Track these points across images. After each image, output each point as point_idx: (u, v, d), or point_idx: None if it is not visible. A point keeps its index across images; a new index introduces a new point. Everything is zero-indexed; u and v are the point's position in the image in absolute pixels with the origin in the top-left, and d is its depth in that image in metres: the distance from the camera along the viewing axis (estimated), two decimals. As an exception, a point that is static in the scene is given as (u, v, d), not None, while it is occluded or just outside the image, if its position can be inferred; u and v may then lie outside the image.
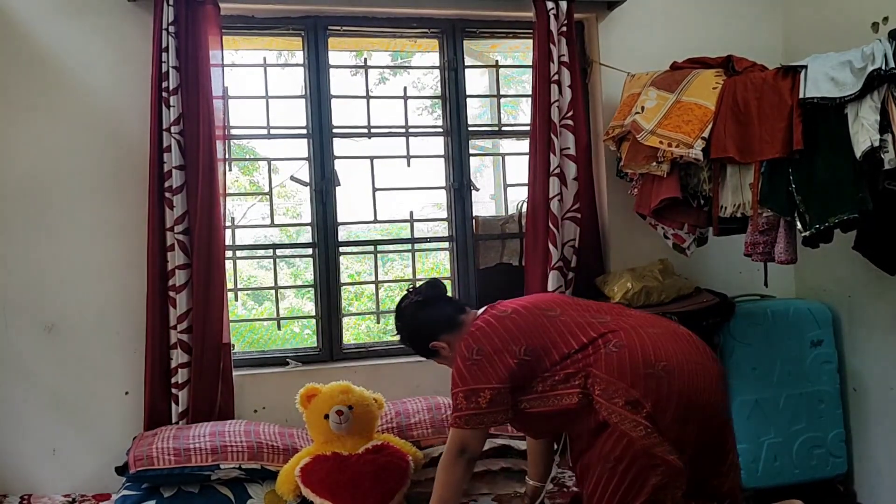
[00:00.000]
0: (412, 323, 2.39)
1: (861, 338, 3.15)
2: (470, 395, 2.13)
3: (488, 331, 2.21)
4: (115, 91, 2.99)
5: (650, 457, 2.02)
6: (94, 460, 2.90)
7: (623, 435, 2.04)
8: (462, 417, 2.14)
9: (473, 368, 2.16)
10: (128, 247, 2.94)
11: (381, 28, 3.34)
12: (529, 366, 2.15)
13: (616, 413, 2.05)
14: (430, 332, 2.34)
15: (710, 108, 2.80)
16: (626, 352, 2.10)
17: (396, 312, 2.44)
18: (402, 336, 2.44)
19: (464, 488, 2.26)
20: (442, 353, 2.35)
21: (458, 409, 2.15)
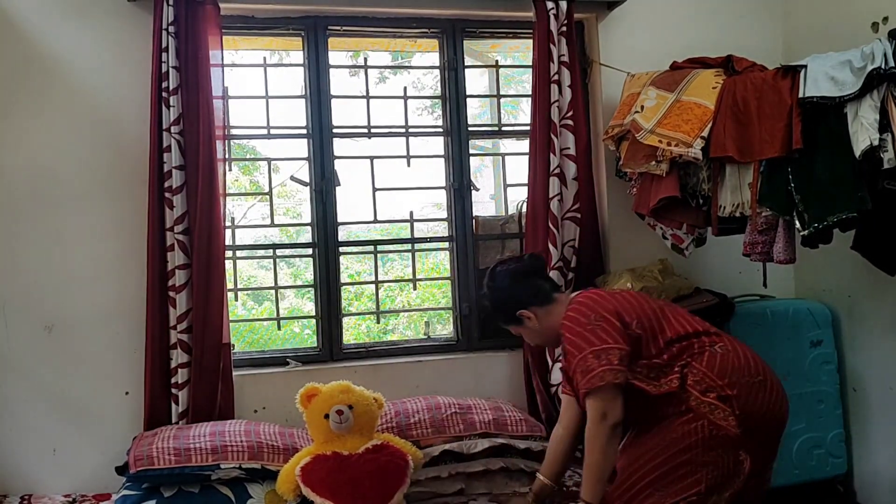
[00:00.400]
0: (505, 287, 2.41)
1: (861, 338, 3.15)
2: (600, 353, 2.13)
3: (602, 301, 2.26)
4: (115, 91, 2.99)
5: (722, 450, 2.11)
6: (94, 460, 2.90)
7: (701, 419, 2.12)
8: (597, 375, 2.11)
9: (597, 331, 2.17)
10: (128, 247, 2.95)
11: (381, 28, 3.34)
12: (638, 341, 2.20)
13: (706, 404, 2.13)
14: (521, 300, 2.38)
15: (709, 107, 2.80)
16: (731, 356, 2.21)
17: (490, 273, 2.45)
18: (489, 297, 2.46)
19: (615, 457, 2.21)
20: (526, 323, 2.38)
21: (589, 370, 2.12)
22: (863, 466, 3.15)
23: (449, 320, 3.74)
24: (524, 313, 2.37)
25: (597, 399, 2.13)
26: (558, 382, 3.14)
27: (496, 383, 3.29)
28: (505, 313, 2.42)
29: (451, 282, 3.45)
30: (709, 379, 2.15)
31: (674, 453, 2.14)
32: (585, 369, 2.13)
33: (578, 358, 2.16)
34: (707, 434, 2.12)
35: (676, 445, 2.14)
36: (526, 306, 2.37)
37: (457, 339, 3.39)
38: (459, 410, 2.82)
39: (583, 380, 2.14)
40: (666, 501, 2.13)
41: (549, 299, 2.39)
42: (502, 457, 2.73)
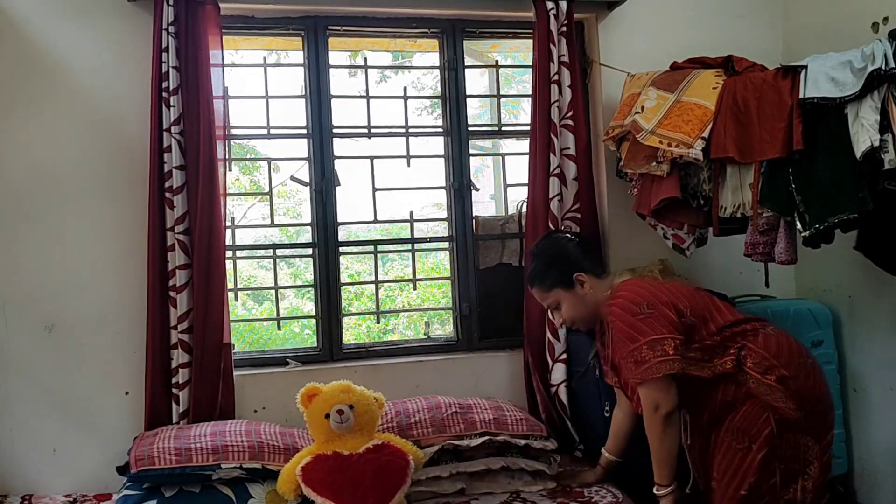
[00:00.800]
0: (563, 249, 2.41)
1: (861, 338, 3.15)
2: (654, 344, 2.14)
3: (654, 289, 2.27)
4: (115, 91, 2.99)
5: (789, 436, 2.15)
6: (94, 460, 2.90)
7: (765, 409, 2.15)
8: (651, 367, 2.13)
9: (649, 321, 2.18)
10: (128, 247, 2.94)
11: (381, 28, 3.34)
12: (691, 329, 2.22)
13: (766, 386, 2.16)
14: (580, 262, 2.39)
15: (710, 107, 2.81)
16: (784, 338, 2.27)
17: (546, 236, 2.49)
18: (544, 256, 2.43)
19: (677, 442, 2.26)
20: (576, 289, 2.36)
21: (643, 361, 2.14)
22: (863, 466, 3.15)
23: (449, 320, 3.74)
24: (581, 276, 2.35)
25: (650, 390, 2.15)
26: (558, 382, 3.15)
27: (496, 383, 3.29)
28: (561, 272, 2.37)
29: (451, 282, 3.45)
30: (767, 360, 2.18)
31: (755, 449, 2.16)
32: (639, 360, 2.14)
33: (631, 348, 2.16)
34: (768, 421, 2.15)
35: (755, 440, 2.17)
36: (585, 271, 2.36)
37: (457, 339, 3.39)
38: (460, 410, 2.82)
39: (636, 370, 2.15)
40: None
41: (601, 274, 2.41)
42: (503, 456, 2.73)
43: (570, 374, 3.15)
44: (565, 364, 3.15)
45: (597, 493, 2.66)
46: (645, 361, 2.13)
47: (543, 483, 2.73)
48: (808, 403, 2.19)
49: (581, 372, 3.08)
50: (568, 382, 3.14)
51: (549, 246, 2.45)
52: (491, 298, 3.43)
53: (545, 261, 2.44)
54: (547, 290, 2.40)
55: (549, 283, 2.40)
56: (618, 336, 2.22)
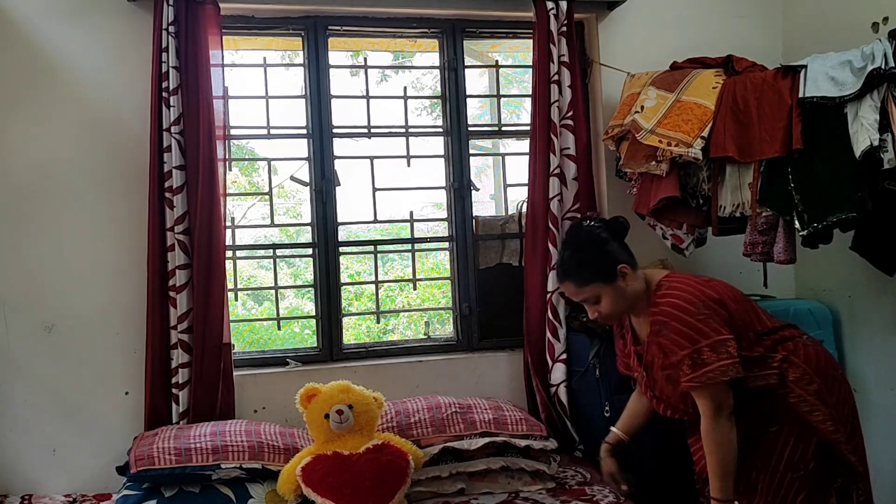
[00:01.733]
0: (606, 239, 2.21)
1: (861, 338, 3.15)
2: (717, 346, 2.03)
3: (704, 287, 2.14)
4: (115, 91, 2.99)
5: (832, 457, 2.11)
6: (94, 460, 2.90)
7: (807, 432, 2.09)
8: (717, 370, 2.01)
9: (709, 321, 2.05)
10: (128, 247, 2.95)
11: (381, 28, 3.34)
12: (736, 332, 2.10)
13: (807, 402, 2.10)
14: (620, 254, 2.20)
15: (709, 107, 2.81)
16: (820, 349, 2.22)
17: (577, 227, 2.31)
18: (581, 248, 2.23)
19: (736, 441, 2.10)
20: (618, 282, 2.16)
21: (704, 364, 2.02)
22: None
23: (449, 320, 3.74)
24: (625, 268, 2.17)
25: (714, 392, 2.05)
26: (558, 382, 3.15)
27: (496, 383, 3.29)
28: (601, 265, 2.17)
29: (451, 282, 3.45)
30: (807, 373, 2.12)
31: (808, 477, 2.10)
32: (698, 362, 2.03)
33: (690, 350, 2.04)
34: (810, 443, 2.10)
35: (806, 466, 2.10)
36: (625, 262, 2.19)
37: (457, 339, 3.39)
38: (459, 410, 2.82)
39: (693, 373, 2.03)
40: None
41: (636, 266, 2.22)
42: (503, 456, 2.73)
43: (570, 374, 3.15)
44: (565, 364, 3.15)
45: (598, 493, 2.66)
46: (706, 364, 2.02)
47: (543, 483, 2.73)
48: (841, 415, 2.14)
49: (581, 372, 3.08)
50: (568, 382, 3.15)
51: (586, 236, 2.24)
52: (491, 298, 3.43)
53: (583, 253, 2.22)
54: (584, 285, 2.19)
55: (587, 276, 2.19)
56: (671, 336, 2.08)
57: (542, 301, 3.18)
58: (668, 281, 2.19)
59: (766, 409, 2.14)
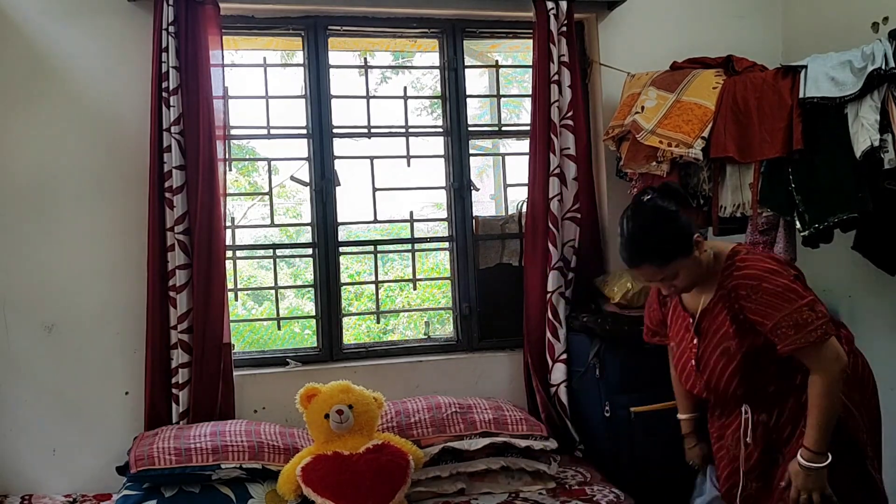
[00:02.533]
0: (670, 214, 2.09)
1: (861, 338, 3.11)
2: (814, 305, 1.99)
3: (778, 258, 2.14)
4: (115, 91, 2.99)
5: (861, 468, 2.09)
6: (94, 460, 2.90)
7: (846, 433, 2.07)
8: (819, 328, 1.96)
9: (798, 284, 2.02)
10: (128, 247, 2.95)
11: (381, 28, 3.34)
12: None
13: (846, 408, 2.07)
14: (690, 225, 2.10)
15: (709, 107, 2.81)
16: (861, 357, 2.26)
17: (641, 205, 2.16)
18: (654, 228, 2.09)
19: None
20: (696, 252, 2.07)
21: (807, 323, 1.96)
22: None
23: (449, 320, 3.74)
24: (699, 237, 2.08)
25: (826, 347, 1.99)
26: (558, 382, 3.15)
27: (496, 383, 3.29)
28: (678, 240, 2.06)
29: (451, 282, 3.45)
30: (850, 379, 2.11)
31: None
32: (801, 322, 1.97)
33: (790, 309, 1.97)
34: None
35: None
36: (696, 231, 2.10)
37: (457, 339, 3.39)
38: (460, 410, 2.82)
39: (798, 334, 1.97)
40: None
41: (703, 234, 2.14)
42: (503, 456, 2.73)
43: (570, 374, 3.15)
44: (565, 364, 3.15)
45: (598, 493, 2.67)
46: (808, 323, 1.96)
47: (543, 483, 2.73)
48: (874, 431, 2.14)
49: (581, 372, 3.08)
50: (568, 382, 3.15)
51: (655, 213, 2.10)
52: (491, 298, 3.43)
53: (658, 231, 2.09)
54: (665, 264, 2.08)
55: (668, 254, 2.07)
56: (764, 299, 2.00)
57: (542, 301, 3.18)
58: (742, 248, 2.13)
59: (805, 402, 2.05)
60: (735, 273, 2.07)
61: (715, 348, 2.14)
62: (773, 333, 2.01)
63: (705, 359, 2.17)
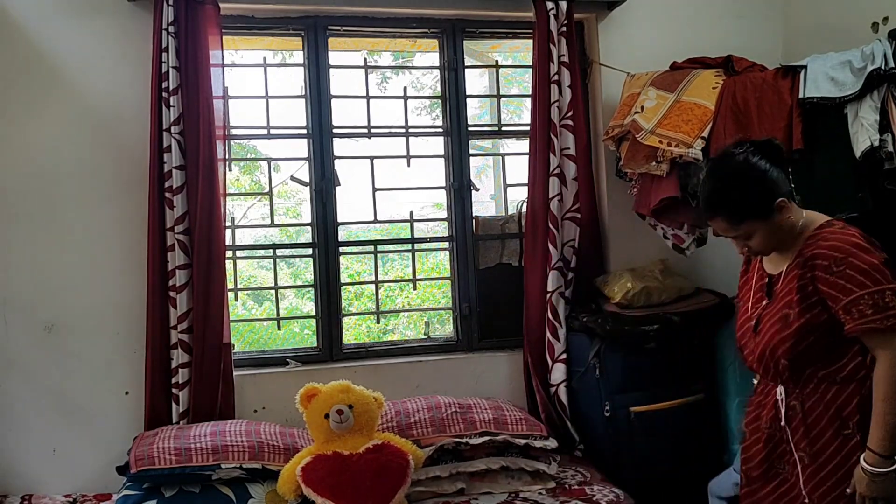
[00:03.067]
0: (759, 171, 1.95)
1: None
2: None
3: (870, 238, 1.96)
4: (115, 91, 2.99)
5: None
6: (94, 460, 2.90)
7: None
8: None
9: (888, 266, 1.88)
10: (128, 247, 2.95)
11: (381, 28, 3.34)
12: None
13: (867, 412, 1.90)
14: (779, 188, 1.95)
15: (709, 107, 2.81)
16: None
17: (731, 156, 2.02)
18: (736, 181, 1.97)
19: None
20: (775, 218, 1.94)
21: (890, 307, 1.82)
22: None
23: (449, 320, 3.74)
24: (783, 202, 1.94)
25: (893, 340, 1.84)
26: (558, 382, 3.15)
27: (496, 383, 3.29)
28: (758, 200, 1.94)
29: (451, 282, 3.45)
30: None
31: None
32: (882, 305, 1.83)
33: (872, 290, 1.84)
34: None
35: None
36: (785, 195, 1.95)
37: (457, 339, 3.39)
38: (459, 410, 2.82)
39: (877, 314, 1.83)
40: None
41: (793, 195, 2.00)
42: (503, 456, 2.73)
43: (569, 374, 3.15)
44: (565, 364, 3.15)
45: (598, 492, 2.67)
46: (891, 308, 1.82)
47: (543, 483, 2.73)
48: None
49: (581, 372, 3.08)
50: (568, 382, 3.15)
51: (740, 166, 1.98)
52: (491, 298, 3.43)
53: (738, 185, 1.97)
54: (738, 223, 1.97)
55: (743, 213, 1.96)
56: (847, 273, 1.87)
57: (542, 301, 3.18)
58: (837, 223, 2.00)
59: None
60: (820, 242, 1.95)
61: (776, 313, 2.01)
62: (846, 310, 1.87)
63: (764, 321, 2.05)
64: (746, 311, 2.15)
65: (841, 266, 1.89)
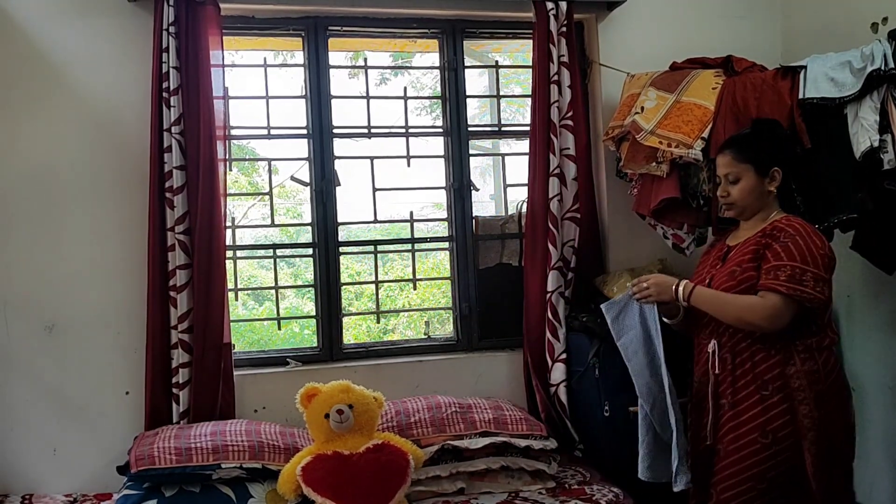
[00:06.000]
0: (784, 140, 2.33)
1: (860, 337, 3.15)
2: (820, 280, 2.11)
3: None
4: (115, 91, 2.99)
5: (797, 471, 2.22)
6: (95, 460, 2.90)
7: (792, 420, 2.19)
8: (807, 294, 2.09)
9: (825, 261, 2.13)
10: (128, 247, 2.95)
11: (381, 28, 3.35)
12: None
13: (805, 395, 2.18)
14: (786, 162, 2.29)
15: (709, 108, 2.81)
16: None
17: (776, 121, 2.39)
18: (763, 131, 2.32)
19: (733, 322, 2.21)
20: (766, 182, 2.27)
21: (803, 284, 2.09)
22: (862, 466, 3.15)
23: (449, 320, 3.75)
24: (777, 173, 2.25)
25: (785, 306, 2.10)
26: (558, 382, 3.15)
27: (496, 383, 3.29)
28: (764, 149, 2.25)
29: (451, 282, 3.46)
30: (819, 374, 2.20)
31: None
32: (797, 279, 2.09)
33: (797, 265, 2.10)
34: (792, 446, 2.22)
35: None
36: (784, 174, 2.26)
37: (457, 339, 3.39)
38: (460, 409, 2.82)
39: (789, 283, 2.09)
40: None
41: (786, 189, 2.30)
42: (503, 456, 2.73)
43: (569, 373, 3.15)
44: (565, 364, 3.15)
45: (598, 492, 2.67)
46: (803, 284, 2.09)
47: (543, 483, 2.73)
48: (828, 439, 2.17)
49: (581, 372, 3.08)
50: (568, 382, 3.15)
51: (775, 128, 2.33)
52: (491, 298, 3.44)
53: (759, 135, 2.29)
54: (739, 161, 2.26)
55: (747, 155, 2.26)
56: (787, 245, 2.14)
57: (542, 301, 3.19)
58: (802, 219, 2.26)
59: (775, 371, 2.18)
60: (784, 220, 2.22)
61: (726, 271, 2.27)
62: (767, 270, 2.14)
63: (715, 280, 2.30)
64: (701, 274, 2.42)
65: (792, 238, 2.15)
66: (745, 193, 2.26)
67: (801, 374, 2.15)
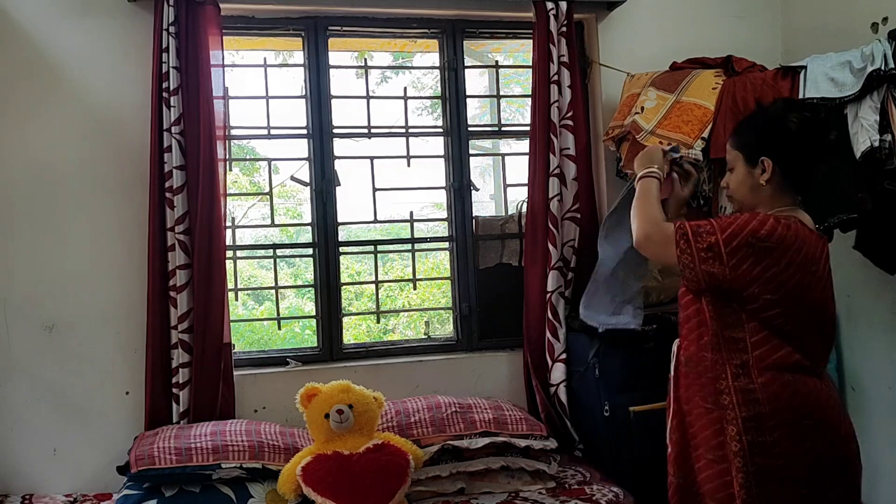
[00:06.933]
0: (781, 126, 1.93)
1: (860, 337, 3.15)
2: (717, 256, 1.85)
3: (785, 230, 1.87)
4: (115, 91, 2.99)
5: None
6: (95, 460, 2.90)
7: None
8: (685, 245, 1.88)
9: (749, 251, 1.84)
10: (128, 247, 2.95)
11: (381, 28, 3.35)
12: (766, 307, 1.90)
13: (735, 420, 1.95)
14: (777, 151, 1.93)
15: (709, 108, 2.81)
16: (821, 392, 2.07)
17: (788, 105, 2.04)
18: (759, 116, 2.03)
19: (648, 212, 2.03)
20: (756, 170, 1.95)
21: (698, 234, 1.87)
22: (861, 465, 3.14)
23: (449, 320, 3.75)
24: (767, 162, 1.93)
25: (666, 237, 1.92)
26: (558, 382, 3.15)
27: (496, 383, 3.29)
28: (752, 141, 1.97)
29: (451, 282, 3.46)
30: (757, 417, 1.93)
31: None
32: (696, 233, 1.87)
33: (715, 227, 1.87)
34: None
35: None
36: (777, 162, 1.93)
37: (457, 339, 3.39)
38: (460, 409, 2.82)
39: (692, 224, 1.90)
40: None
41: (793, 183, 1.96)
42: (503, 456, 2.73)
43: (569, 373, 3.15)
44: (565, 364, 3.15)
45: (598, 492, 2.67)
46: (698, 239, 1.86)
47: (543, 483, 2.73)
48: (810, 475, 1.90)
49: (581, 372, 3.08)
50: (568, 382, 3.15)
51: (779, 112, 1.97)
52: (491, 298, 3.44)
53: (757, 119, 2.03)
54: (734, 146, 2.02)
55: (740, 142, 2.01)
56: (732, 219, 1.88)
57: (542, 301, 3.19)
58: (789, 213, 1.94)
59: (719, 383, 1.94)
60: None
61: None
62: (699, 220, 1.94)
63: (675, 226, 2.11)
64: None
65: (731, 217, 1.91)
66: (737, 184, 2.02)
67: (730, 390, 1.90)
